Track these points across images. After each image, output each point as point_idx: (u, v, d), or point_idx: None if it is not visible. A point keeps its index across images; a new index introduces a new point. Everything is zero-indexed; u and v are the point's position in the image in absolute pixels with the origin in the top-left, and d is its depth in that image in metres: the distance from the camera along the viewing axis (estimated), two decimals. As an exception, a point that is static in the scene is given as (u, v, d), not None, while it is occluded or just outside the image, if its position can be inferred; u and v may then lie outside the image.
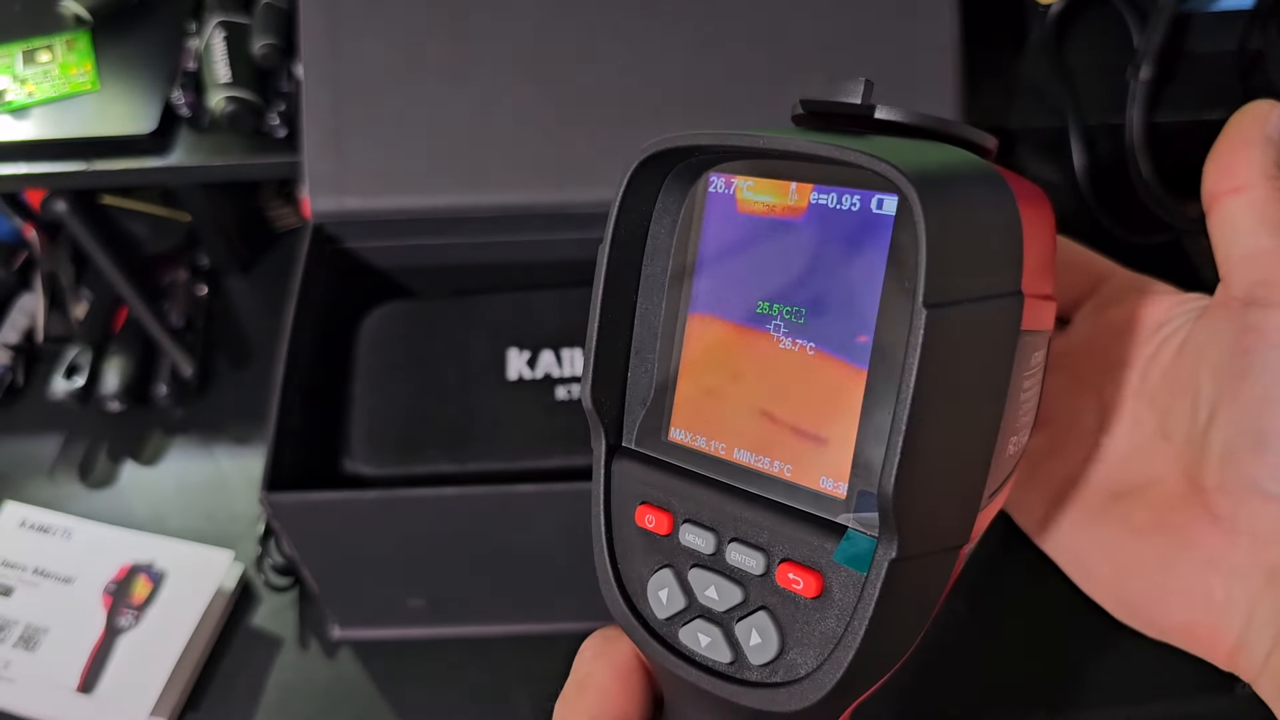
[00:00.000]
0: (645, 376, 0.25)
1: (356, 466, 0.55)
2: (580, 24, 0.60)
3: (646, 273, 0.25)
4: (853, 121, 0.23)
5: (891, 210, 0.21)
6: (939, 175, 0.20)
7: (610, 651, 0.25)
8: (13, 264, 0.75)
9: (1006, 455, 0.22)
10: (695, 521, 0.23)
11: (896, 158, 0.19)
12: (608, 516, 0.25)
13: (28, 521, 0.63)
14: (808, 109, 0.23)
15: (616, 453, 0.25)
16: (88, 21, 0.69)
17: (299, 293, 0.55)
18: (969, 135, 0.23)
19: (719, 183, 0.24)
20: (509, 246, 0.62)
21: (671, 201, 0.25)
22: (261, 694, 0.58)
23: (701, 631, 0.23)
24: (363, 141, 0.59)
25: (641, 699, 0.25)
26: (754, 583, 0.22)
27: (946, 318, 0.19)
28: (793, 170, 0.23)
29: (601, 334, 0.24)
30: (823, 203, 0.22)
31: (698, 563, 0.23)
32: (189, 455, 0.68)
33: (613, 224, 0.24)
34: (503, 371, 0.58)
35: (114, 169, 0.64)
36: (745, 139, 0.22)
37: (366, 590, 0.57)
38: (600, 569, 0.25)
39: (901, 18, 0.59)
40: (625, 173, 0.24)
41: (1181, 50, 0.65)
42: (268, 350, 0.71)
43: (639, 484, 0.24)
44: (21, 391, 0.71)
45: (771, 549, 0.22)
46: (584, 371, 0.25)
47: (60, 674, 0.56)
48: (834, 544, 0.21)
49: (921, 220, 0.19)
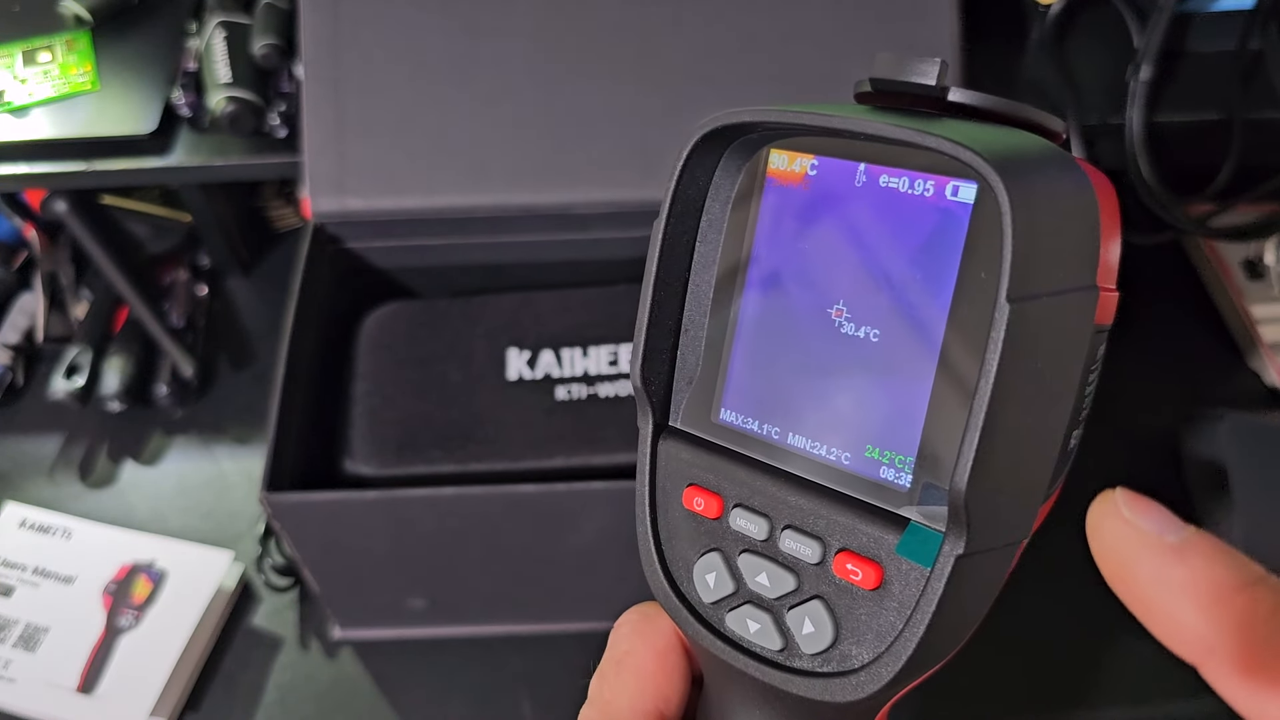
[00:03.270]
0: (694, 356, 0.25)
1: (356, 466, 0.55)
2: (581, 24, 0.60)
3: (700, 250, 0.24)
4: (923, 102, 0.22)
5: (969, 198, 0.20)
6: (1023, 165, 0.19)
7: (649, 629, 0.24)
8: (13, 264, 0.75)
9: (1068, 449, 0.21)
10: (747, 506, 0.23)
11: (981, 145, 0.19)
12: (653, 497, 0.24)
13: (28, 521, 0.63)
14: (877, 88, 0.22)
15: (664, 432, 0.25)
16: (88, 21, 0.69)
17: (299, 293, 0.55)
18: (1039, 119, 0.22)
19: (780, 160, 0.23)
20: (509, 246, 0.62)
21: (727, 178, 0.24)
22: (261, 694, 0.58)
23: (750, 618, 0.22)
24: (363, 141, 0.59)
25: (682, 679, 0.24)
26: (808, 571, 0.22)
27: (1028, 312, 0.18)
28: (858, 150, 0.22)
29: (653, 311, 0.24)
30: (892, 186, 0.21)
31: (748, 548, 0.23)
32: (189, 455, 0.68)
33: (670, 199, 0.24)
34: (503, 371, 0.58)
35: (114, 169, 0.64)
36: (816, 118, 0.21)
37: (367, 590, 0.57)
38: (644, 550, 0.24)
39: (901, 18, 0.59)
40: (685, 147, 0.23)
41: (1181, 50, 0.65)
42: (268, 350, 0.71)
43: (687, 465, 0.24)
44: (21, 391, 0.71)
45: (828, 538, 0.21)
46: (634, 349, 0.24)
47: (60, 674, 0.56)
48: (894, 536, 0.20)
49: (1009, 213, 0.18)
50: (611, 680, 0.24)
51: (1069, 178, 0.20)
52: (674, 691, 0.24)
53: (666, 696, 0.24)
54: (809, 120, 0.21)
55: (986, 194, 0.20)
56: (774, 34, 0.60)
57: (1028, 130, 0.22)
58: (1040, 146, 0.20)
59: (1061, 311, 0.19)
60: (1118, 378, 0.69)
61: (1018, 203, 0.18)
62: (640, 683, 0.24)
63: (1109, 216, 0.21)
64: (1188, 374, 0.69)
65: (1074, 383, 0.20)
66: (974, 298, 0.20)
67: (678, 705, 0.24)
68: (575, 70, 0.60)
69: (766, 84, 0.59)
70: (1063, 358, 0.20)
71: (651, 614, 0.25)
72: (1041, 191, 0.19)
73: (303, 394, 0.54)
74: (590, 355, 0.59)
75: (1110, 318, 0.21)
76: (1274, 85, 0.63)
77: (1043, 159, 0.20)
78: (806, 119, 0.21)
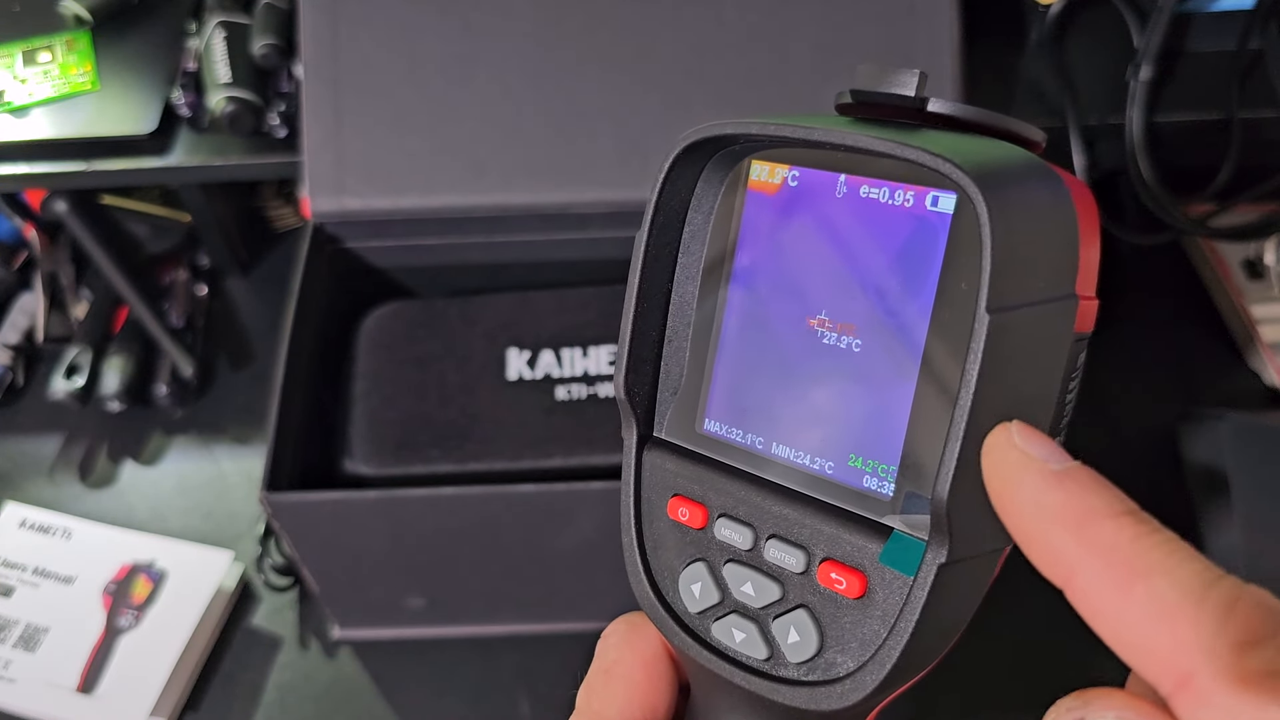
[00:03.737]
0: (678, 366, 0.25)
1: (356, 466, 0.55)
2: (580, 24, 0.60)
3: (683, 261, 0.25)
4: (903, 113, 0.22)
5: (948, 209, 0.20)
6: (1002, 176, 0.19)
7: (636, 639, 0.25)
8: (13, 264, 0.75)
9: None
10: (731, 516, 0.23)
11: (960, 157, 0.19)
12: (638, 507, 0.25)
13: (28, 521, 0.63)
14: (857, 99, 0.23)
15: (648, 443, 0.25)
16: (88, 21, 0.69)
17: (299, 293, 0.55)
18: (1019, 130, 0.22)
19: (761, 172, 0.24)
20: (509, 246, 0.62)
21: (710, 190, 0.24)
22: (261, 694, 0.58)
23: (736, 627, 0.23)
24: (363, 141, 0.59)
25: (669, 688, 0.24)
26: (793, 580, 0.22)
27: (1008, 323, 0.19)
28: (839, 162, 0.22)
29: (636, 322, 0.24)
30: (873, 196, 0.22)
31: (733, 558, 0.23)
32: (189, 455, 0.68)
33: (651, 211, 0.24)
34: (503, 371, 0.58)
35: (114, 169, 0.64)
36: (796, 129, 0.21)
37: (366, 590, 0.57)
38: (629, 560, 0.24)
39: (901, 18, 0.59)
40: (666, 159, 0.23)
41: (1181, 50, 0.65)
42: (268, 350, 0.71)
43: (671, 475, 0.24)
44: (21, 391, 0.71)
45: (812, 547, 0.22)
46: (617, 360, 0.24)
47: (60, 674, 0.56)
48: (878, 545, 0.21)
49: (988, 225, 0.18)
50: (599, 691, 0.24)
51: (1047, 188, 0.20)
52: (661, 701, 0.24)
53: (654, 706, 0.24)
54: (790, 132, 0.22)
55: (966, 205, 0.20)
56: (773, 34, 0.60)
57: (1007, 140, 0.22)
58: (1019, 157, 0.21)
59: (1041, 321, 0.20)
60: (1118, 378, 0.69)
61: (996, 213, 0.18)
62: (628, 693, 0.24)
63: (1088, 225, 0.21)
64: (1188, 374, 0.69)
65: (1054, 391, 0.20)
66: (954, 307, 0.20)
67: (665, 715, 0.24)
68: (574, 70, 0.60)
69: (765, 84, 0.59)
70: (1043, 367, 0.20)
71: (638, 624, 0.25)
72: (1020, 202, 0.19)
73: (302, 394, 0.54)
74: (590, 355, 0.59)
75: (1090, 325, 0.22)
76: (1274, 85, 0.63)
77: (1021, 170, 0.20)
78: (787, 131, 0.22)
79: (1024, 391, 0.20)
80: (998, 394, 0.19)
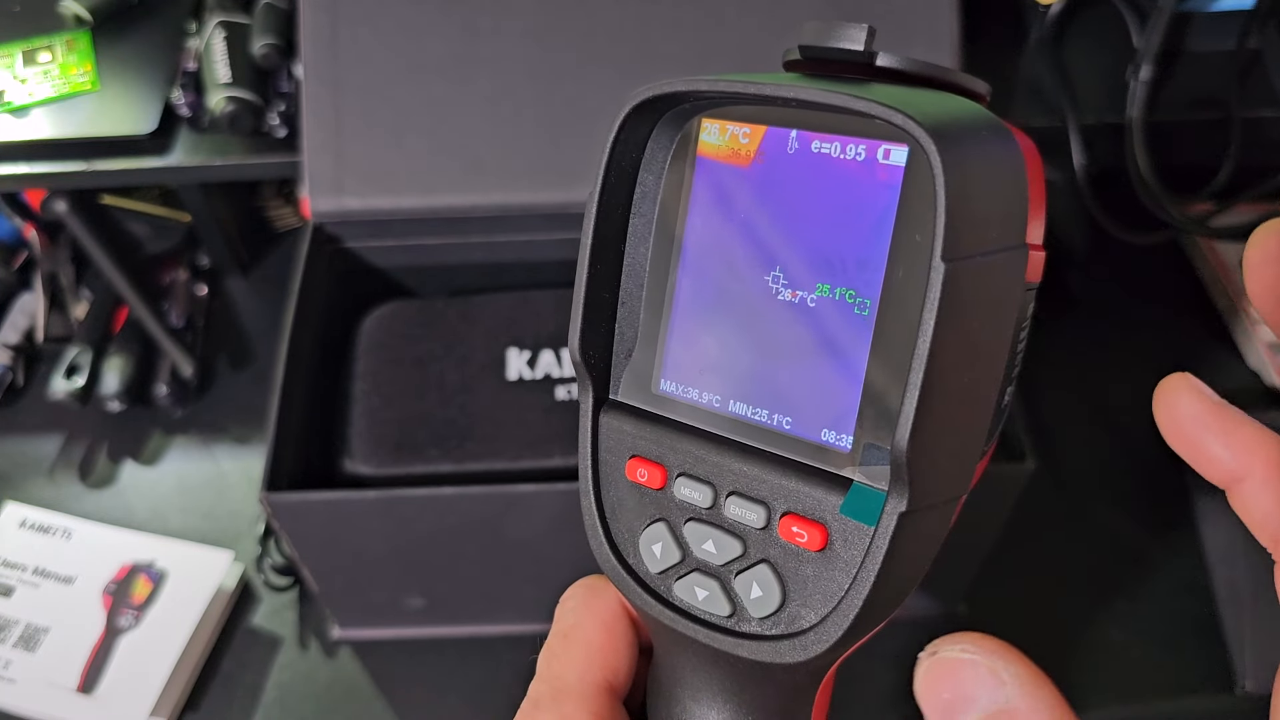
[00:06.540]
0: (632, 328, 0.25)
1: (356, 466, 0.55)
2: (580, 24, 0.60)
3: (635, 222, 0.24)
4: (851, 68, 0.22)
5: (901, 161, 0.20)
6: (955, 128, 0.19)
7: (594, 602, 0.25)
8: (13, 264, 0.75)
9: (1002, 406, 0.22)
10: (691, 475, 0.23)
11: (913, 109, 0.19)
12: (595, 470, 0.25)
13: (28, 521, 0.63)
14: (806, 55, 0.22)
15: (605, 406, 0.25)
16: (88, 21, 0.69)
17: (299, 293, 0.55)
18: (965, 83, 0.22)
19: (712, 130, 0.23)
20: (509, 246, 0.62)
21: (660, 149, 0.24)
22: (261, 694, 0.58)
23: (698, 585, 0.22)
24: (363, 141, 0.59)
25: (629, 650, 0.24)
26: (754, 536, 0.22)
27: (962, 272, 0.19)
28: (790, 118, 0.22)
29: (590, 284, 0.24)
30: (824, 151, 0.22)
31: (694, 516, 0.23)
32: (189, 455, 0.68)
33: (603, 171, 0.24)
34: (502, 371, 0.58)
35: (114, 169, 0.64)
36: (747, 85, 0.21)
37: (366, 590, 0.57)
38: (588, 522, 0.24)
39: (901, 17, 0.59)
40: (616, 118, 0.23)
41: (1181, 50, 0.65)
42: (268, 350, 0.71)
43: (629, 437, 0.24)
44: (21, 391, 0.71)
45: (772, 502, 0.22)
46: (572, 323, 0.24)
47: (60, 674, 0.56)
48: (838, 497, 0.21)
49: (941, 175, 0.18)
50: (559, 654, 0.24)
51: (998, 140, 0.20)
52: (622, 663, 0.24)
53: (615, 668, 0.24)
54: (740, 89, 0.21)
55: (918, 157, 0.20)
56: (773, 34, 0.60)
57: (954, 93, 0.22)
58: (970, 109, 0.21)
59: (994, 270, 0.20)
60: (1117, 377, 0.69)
61: (950, 164, 0.18)
62: (588, 655, 0.24)
63: (1035, 177, 0.21)
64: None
65: (1007, 339, 0.20)
66: (908, 259, 0.20)
67: (626, 676, 0.24)
68: (573, 70, 0.60)
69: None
70: (996, 315, 0.20)
71: (597, 587, 0.25)
72: (973, 153, 0.19)
73: (302, 394, 0.54)
74: (589, 355, 0.59)
75: (1039, 276, 0.22)
76: (1273, 84, 0.63)
77: (973, 121, 0.20)
78: (738, 87, 0.21)
79: (979, 340, 0.20)
80: (954, 342, 0.19)
